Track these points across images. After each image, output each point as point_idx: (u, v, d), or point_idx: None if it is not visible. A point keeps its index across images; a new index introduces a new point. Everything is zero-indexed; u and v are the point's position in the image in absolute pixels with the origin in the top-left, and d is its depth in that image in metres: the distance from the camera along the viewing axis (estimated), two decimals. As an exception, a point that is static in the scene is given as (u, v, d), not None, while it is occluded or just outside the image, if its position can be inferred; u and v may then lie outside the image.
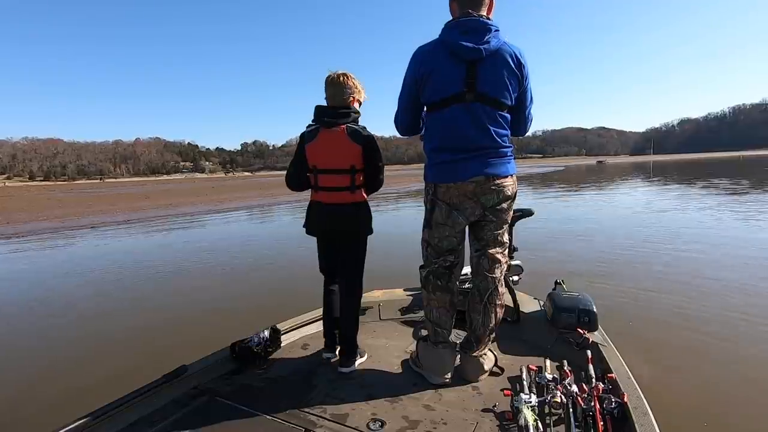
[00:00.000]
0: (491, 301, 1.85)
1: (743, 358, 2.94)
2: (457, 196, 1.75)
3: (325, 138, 1.94)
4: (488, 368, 1.89)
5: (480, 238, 1.85)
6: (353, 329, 2.03)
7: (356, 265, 2.06)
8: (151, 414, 1.67)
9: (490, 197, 1.74)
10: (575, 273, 4.99)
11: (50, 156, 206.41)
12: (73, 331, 4.02)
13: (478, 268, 1.87)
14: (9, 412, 2.66)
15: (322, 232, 2.08)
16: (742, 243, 6.43)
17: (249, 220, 13.30)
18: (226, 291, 5.10)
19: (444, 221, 1.80)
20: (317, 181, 1.98)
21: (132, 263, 6.89)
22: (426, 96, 1.76)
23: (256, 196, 23.08)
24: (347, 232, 2.02)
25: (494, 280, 1.84)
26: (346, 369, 1.97)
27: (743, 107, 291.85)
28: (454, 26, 1.70)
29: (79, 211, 16.84)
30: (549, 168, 65.80)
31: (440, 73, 1.70)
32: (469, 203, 1.76)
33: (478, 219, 1.81)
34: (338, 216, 1.99)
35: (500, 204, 1.77)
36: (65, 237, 10.29)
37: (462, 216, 1.78)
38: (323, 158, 1.96)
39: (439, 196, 1.79)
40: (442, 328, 1.88)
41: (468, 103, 1.68)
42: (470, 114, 1.70)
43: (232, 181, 60.71)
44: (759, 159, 68.72)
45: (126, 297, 5.04)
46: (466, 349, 1.90)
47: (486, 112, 1.70)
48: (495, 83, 1.69)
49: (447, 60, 1.68)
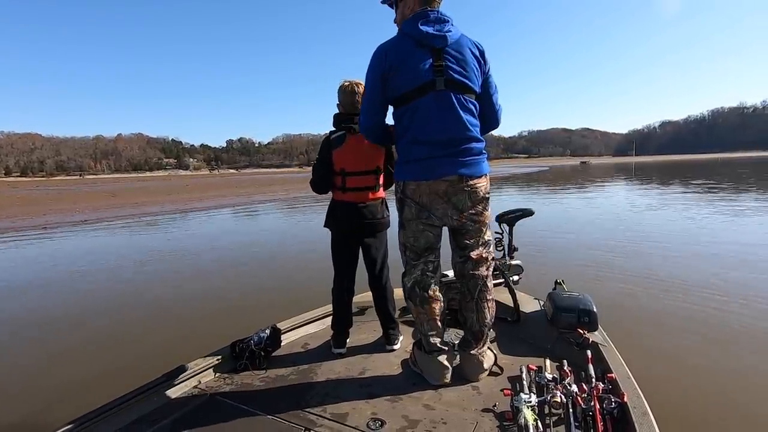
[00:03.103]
0: (482, 298, 1.86)
1: (744, 357, 2.96)
2: (428, 194, 1.74)
3: (352, 143, 2.09)
4: (488, 366, 1.89)
5: (463, 246, 1.85)
6: (394, 314, 2.29)
7: (385, 255, 2.27)
8: (150, 413, 1.66)
9: (461, 197, 1.74)
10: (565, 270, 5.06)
11: (27, 151, 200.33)
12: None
13: (464, 271, 1.87)
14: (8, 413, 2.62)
15: (351, 230, 2.20)
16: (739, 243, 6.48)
17: (220, 220, 12.79)
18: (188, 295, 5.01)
19: (415, 217, 1.78)
20: (345, 183, 2.12)
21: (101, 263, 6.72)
22: (394, 89, 1.75)
23: (230, 195, 22.66)
24: (376, 225, 2.18)
25: (481, 277, 1.85)
26: (396, 346, 2.21)
27: (722, 110, 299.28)
28: (415, 18, 1.73)
29: (38, 210, 16.06)
30: (533, 168, 66.56)
31: (409, 64, 1.70)
32: (440, 203, 1.75)
33: (457, 226, 1.80)
34: (369, 212, 2.15)
35: (475, 208, 1.77)
36: (4, 241, 9.51)
37: (434, 216, 1.76)
38: (352, 162, 2.11)
39: (408, 194, 1.78)
40: (434, 337, 1.86)
41: (438, 91, 1.69)
42: (442, 102, 1.70)
43: (212, 179, 59.84)
44: (734, 161, 70.54)
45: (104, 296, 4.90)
46: (465, 348, 1.90)
47: (457, 99, 1.71)
48: (463, 69, 1.71)
49: (414, 50, 1.70)
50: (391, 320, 2.25)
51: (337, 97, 2.18)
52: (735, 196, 13.57)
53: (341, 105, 2.17)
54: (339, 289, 2.25)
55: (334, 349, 2.21)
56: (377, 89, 1.78)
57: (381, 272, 2.24)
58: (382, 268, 2.25)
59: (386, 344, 2.23)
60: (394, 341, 2.22)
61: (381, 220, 2.19)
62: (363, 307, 2.58)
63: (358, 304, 2.50)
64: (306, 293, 2.23)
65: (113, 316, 4.30)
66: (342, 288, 2.25)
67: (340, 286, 2.25)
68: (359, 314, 2.54)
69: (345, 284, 2.25)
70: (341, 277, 2.25)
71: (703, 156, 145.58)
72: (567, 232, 8.07)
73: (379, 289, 2.25)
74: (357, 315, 2.47)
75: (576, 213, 11.12)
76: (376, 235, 2.21)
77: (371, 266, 2.24)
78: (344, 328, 2.25)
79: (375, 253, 2.22)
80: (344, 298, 2.26)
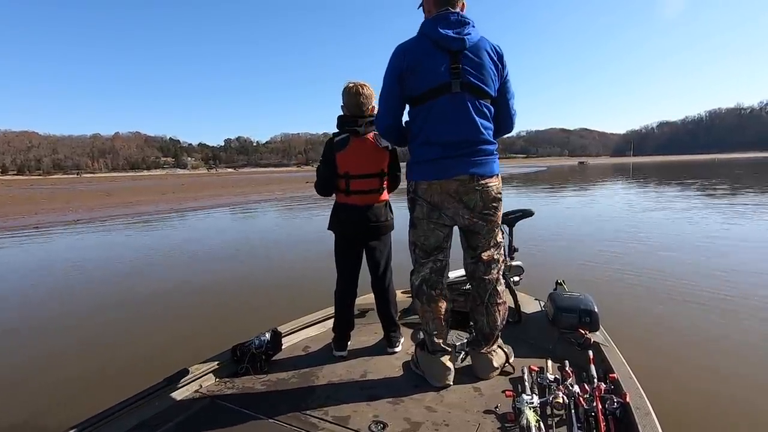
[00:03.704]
0: (492, 302, 1.87)
1: (746, 358, 2.96)
2: (439, 194, 1.75)
3: (356, 146, 2.08)
4: (498, 365, 1.90)
5: (474, 246, 1.86)
6: (396, 316, 2.30)
7: (389, 258, 2.27)
8: (152, 417, 1.66)
9: (472, 197, 1.75)
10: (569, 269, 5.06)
11: (24, 149, 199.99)
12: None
13: (475, 273, 1.88)
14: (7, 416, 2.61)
15: (356, 232, 2.19)
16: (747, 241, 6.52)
17: (214, 219, 12.75)
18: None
19: (426, 217, 1.80)
20: (349, 186, 2.11)
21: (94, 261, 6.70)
22: (410, 89, 1.76)
23: (226, 194, 22.55)
24: (380, 228, 2.18)
25: (492, 281, 1.86)
26: (398, 348, 2.21)
27: (719, 111, 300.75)
28: (435, 20, 1.73)
29: (30, 209, 15.85)
30: (532, 168, 66.71)
31: (426, 64, 1.71)
32: (452, 203, 1.76)
33: (469, 226, 1.81)
34: (374, 215, 2.14)
35: (487, 208, 1.78)
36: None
37: (446, 215, 1.78)
38: (356, 165, 2.09)
39: (420, 194, 1.80)
40: (437, 338, 1.87)
41: (454, 93, 1.70)
42: (456, 104, 1.71)
43: (208, 178, 59.65)
44: (731, 161, 70.93)
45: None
46: (475, 347, 1.92)
47: (471, 102, 1.72)
48: (479, 73, 1.72)
49: (431, 51, 1.71)
50: (393, 323, 2.25)
51: (342, 99, 2.15)
52: (732, 198, 13.60)
53: (345, 107, 2.14)
54: (342, 291, 2.25)
55: (335, 352, 2.20)
56: (395, 89, 1.79)
57: (384, 275, 2.24)
58: (385, 270, 2.24)
59: (387, 347, 2.22)
60: (396, 344, 2.22)
61: (385, 223, 2.18)
62: (364, 309, 2.57)
63: (359, 306, 2.50)
64: (306, 295, 2.23)
65: (96, 318, 4.28)
66: (345, 291, 2.25)
67: (342, 289, 2.25)
68: (360, 316, 2.54)
69: (348, 287, 2.24)
70: (344, 280, 2.24)
71: (700, 156, 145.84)
72: (567, 232, 8.09)
73: (382, 291, 2.25)
74: (358, 317, 2.46)
75: (575, 212, 11.15)
76: (380, 238, 2.21)
77: (375, 268, 2.23)
78: (346, 331, 2.24)
79: (379, 255, 2.22)
80: (347, 300, 2.25)
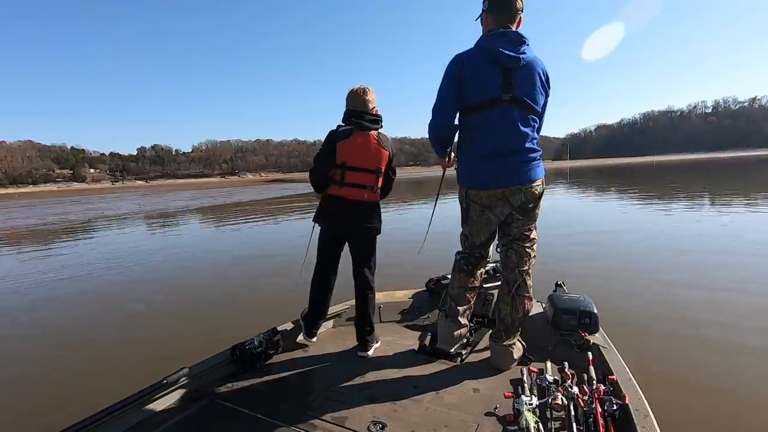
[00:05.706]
0: (519, 293, 2.07)
1: (747, 359, 3.12)
2: (488, 197, 2.01)
3: (359, 139, 2.28)
4: (517, 357, 2.11)
5: (508, 233, 2.09)
6: (373, 318, 2.40)
7: (373, 261, 2.43)
8: (151, 416, 1.73)
9: (518, 197, 1.98)
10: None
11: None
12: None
13: (507, 262, 2.11)
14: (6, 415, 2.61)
15: (343, 230, 2.32)
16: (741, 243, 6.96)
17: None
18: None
19: (478, 219, 2.07)
20: (344, 177, 2.24)
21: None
22: (464, 99, 1.97)
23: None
24: (371, 230, 2.32)
25: (522, 272, 2.07)
26: (370, 353, 2.32)
27: (652, 114, 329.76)
28: (495, 37, 1.94)
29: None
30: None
31: (481, 77, 1.93)
32: (499, 203, 2.01)
33: (508, 217, 2.04)
34: (361, 213, 2.28)
35: (528, 203, 2.00)
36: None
37: (493, 214, 2.04)
38: (355, 157, 2.25)
39: (471, 197, 2.06)
40: (456, 305, 2.18)
41: (504, 106, 1.92)
42: (506, 116, 1.92)
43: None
44: (669, 164, 77.52)
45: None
46: (496, 339, 2.11)
47: (520, 115, 1.94)
48: (529, 89, 1.94)
49: (488, 65, 1.91)
50: (369, 323, 2.36)
51: (347, 103, 2.31)
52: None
53: (352, 106, 2.31)
54: (318, 281, 2.38)
55: (305, 339, 2.36)
56: (451, 92, 1.98)
57: (367, 275, 2.38)
58: (370, 270, 2.38)
59: (359, 351, 2.32)
60: (368, 347, 2.33)
61: (375, 226, 2.33)
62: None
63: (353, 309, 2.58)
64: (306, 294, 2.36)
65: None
66: (320, 281, 2.37)
67: (319, 278, 2.38)
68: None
69: (324, 278, 2.38)
70: (322, 270, 2.38)
71: (638, 159, 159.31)
72: (566, 231, 8.62)
73: (364, 290, 2.37)
74: (353, 320, 2.56)
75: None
76: (366, 240, 2.35)
77: (359, 267, 2.37)
78: (316, 318, 2.38)
79: (364, 256, 2.36)
80: (321, 290, 2.38)
